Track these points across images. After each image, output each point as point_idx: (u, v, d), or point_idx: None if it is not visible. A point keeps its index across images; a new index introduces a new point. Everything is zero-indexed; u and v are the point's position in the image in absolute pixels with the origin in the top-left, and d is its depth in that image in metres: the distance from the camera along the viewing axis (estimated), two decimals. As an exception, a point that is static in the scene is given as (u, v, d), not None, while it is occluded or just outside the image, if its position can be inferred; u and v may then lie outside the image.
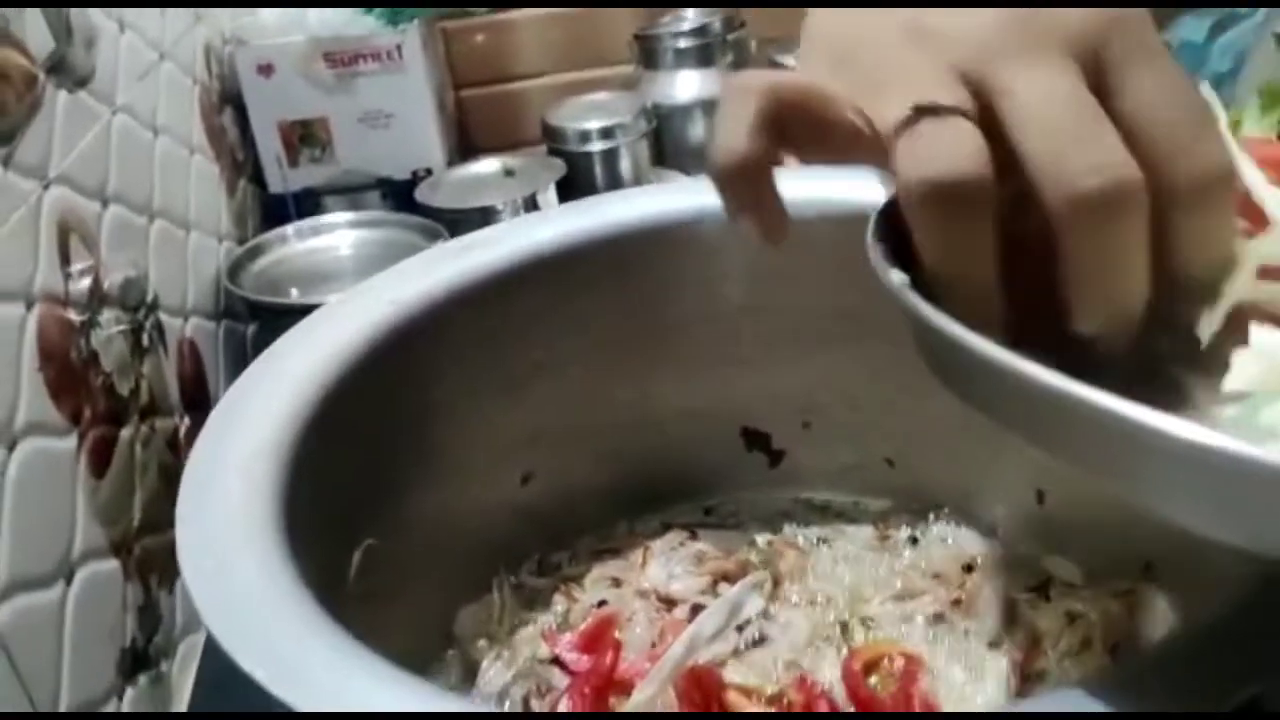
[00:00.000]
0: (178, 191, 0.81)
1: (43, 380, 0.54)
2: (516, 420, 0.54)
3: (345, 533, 0.45)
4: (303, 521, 0.39)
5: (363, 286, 0.51)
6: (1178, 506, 0.27)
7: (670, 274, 0.53)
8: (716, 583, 0.52)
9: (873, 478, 0.57)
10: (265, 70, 1.00)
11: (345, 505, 0.45)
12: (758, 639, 0.50)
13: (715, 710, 0.45)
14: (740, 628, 0.50)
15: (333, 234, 0.94)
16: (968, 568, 0.52)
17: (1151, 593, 0.47)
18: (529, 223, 0.55)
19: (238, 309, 0.87)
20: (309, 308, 0.75)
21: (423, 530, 0.50)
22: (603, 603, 0.53)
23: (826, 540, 0.57)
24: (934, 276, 0.31)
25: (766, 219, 0.35)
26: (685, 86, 1.07)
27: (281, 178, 1.04)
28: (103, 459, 0.59)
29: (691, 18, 1.10)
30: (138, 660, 0.59)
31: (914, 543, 0.55)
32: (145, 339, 0.69)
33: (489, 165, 1.02)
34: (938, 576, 0.52)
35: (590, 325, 0.54)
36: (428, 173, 1.04)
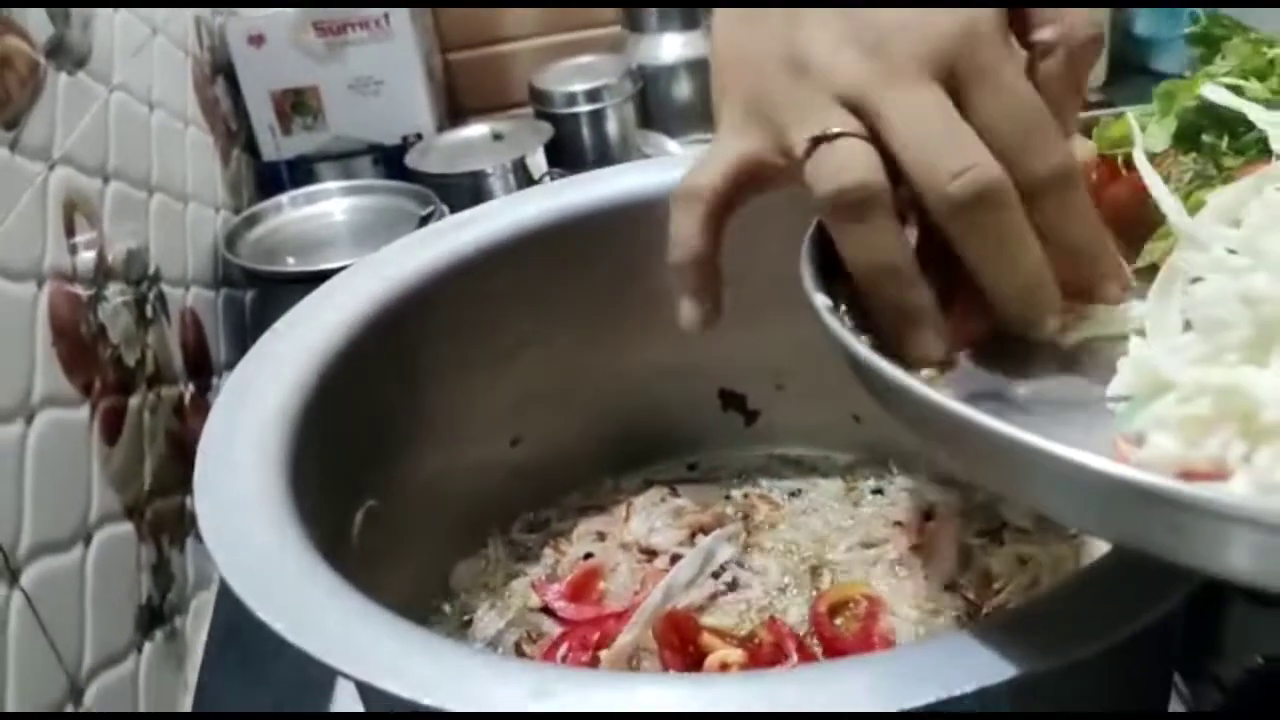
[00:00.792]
0: (175, 164, 0.83)
1: (56, 355, 0.57)
2: (506, 387, 0.57)
3: (348, 496, 0.49)
4: (309, 487, 0.42)
5: (360, 263, 0.54)
6: (1058, 510, 0.30)
7: (651, 247, 0.54)
8: (694, 535, 0.56)
9: (841, 434, 0.61)
10: (256, 41, 1.02)
11: (348, 470, 0.49)
12: (732, 584, 0.54)
13: (691, 650, 0.49)
14: (716, 574, 0.54)
15: (326, 201, 0.97)
16: (927, 515, 0.56)
17: (1096, 536, 0.50)
18: (517, 200, 0.58)
19: (236, 277, 0.90)
20: (305, 275, 0.78)
21: (420, 492, 0.53)
22: (589, 555, 0.56)
23: (798, 493, 0.60)
24: (860, 276, 0.35)
25: (708, 305, 0.41)
26: (670, 48, 1.08)
27: (275, 146, 1.06)
28: (114, 427, 0.62)
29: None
30: (154, 616, 0.63)
31: (879, 493, 0.59)
32: (149, 310, 0.71)
33: (477, 129, 1.04)
34: (899, 524, 0.56)
35: (575, 296, 0.57)
36: (418, 138, 1.06)
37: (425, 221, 0.89)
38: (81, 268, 0.62)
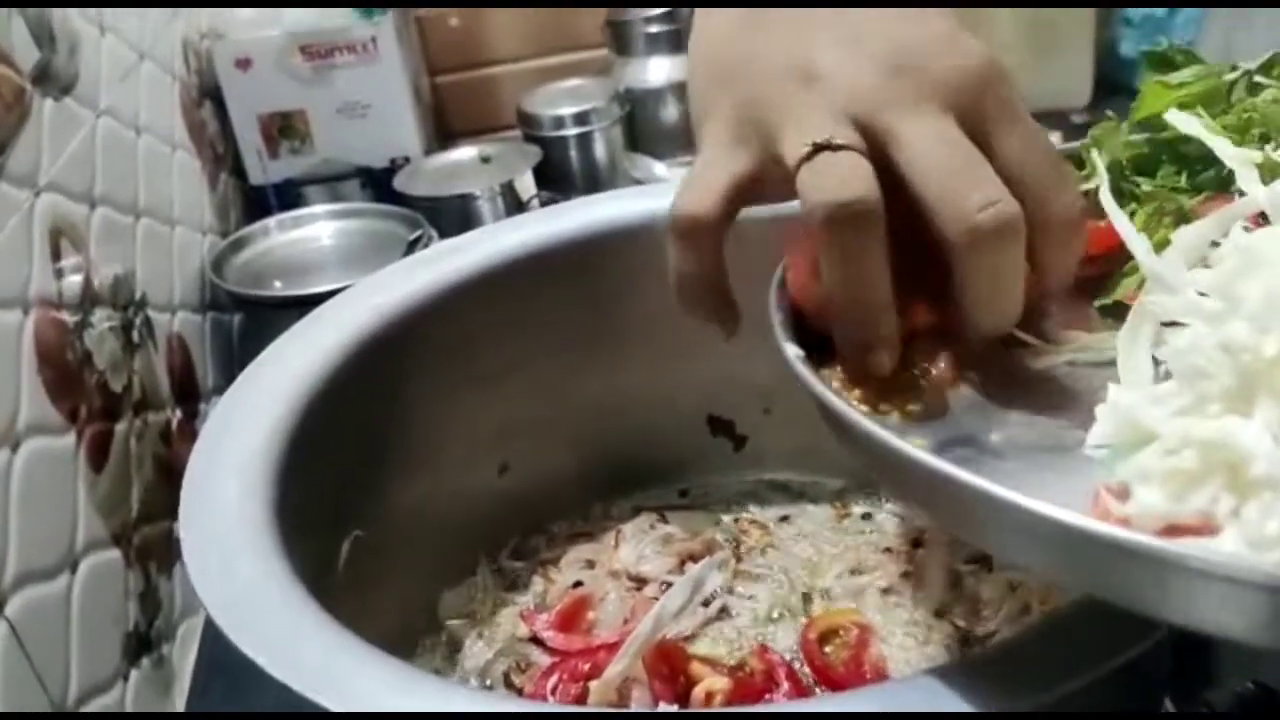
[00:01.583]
0: (161, 189, 0.83)
1: (41, 382, 0.57)
2: (492, 414, 0.57)
3: (334, 525, 0.48)
4: (295, 517, 0.42)
5: (347, 291, 0.54)
6: (1041, 567, 0.30)
7: (635, 273, 0.55)
8: (684, 562, 0.56)
9: (829, 458, 0.60)
10: (243, 64, 1.02)
11: (333, 500, 0.48)
12: (722, 612, 0.54)
13: (681, 680, 0.48)
14: (706, 603, 0.54)
15: (314, 225, 0.97)
16: (916, 542, 0.56)
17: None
18: (502, 229, 0.58)
19: (223, 302, 0.89)
20: (293, 299, 0.78)
21: (406, 520, 0.53)
22: (578, 583, 0.56)
23: (787, 518, 0.60)
24: (837, 293, 0.35)
25: (730, 321, 0.40)
26: (657, 71, 1.09)
27: (262, 169, 1.06)
28: (100, 454, 0.62)
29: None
30: (141, 644, 0.62)
31: (868, 519, 0.59)
32: (135, 335, 0.71)
33: (466, 152, 1.04)
34: (889, 551, 0.56)
35: (560, 323, 0.57)
36: (405, 161, 1.06)
37: (413, 245, 0.89)
38: (67, 293, 0.62)
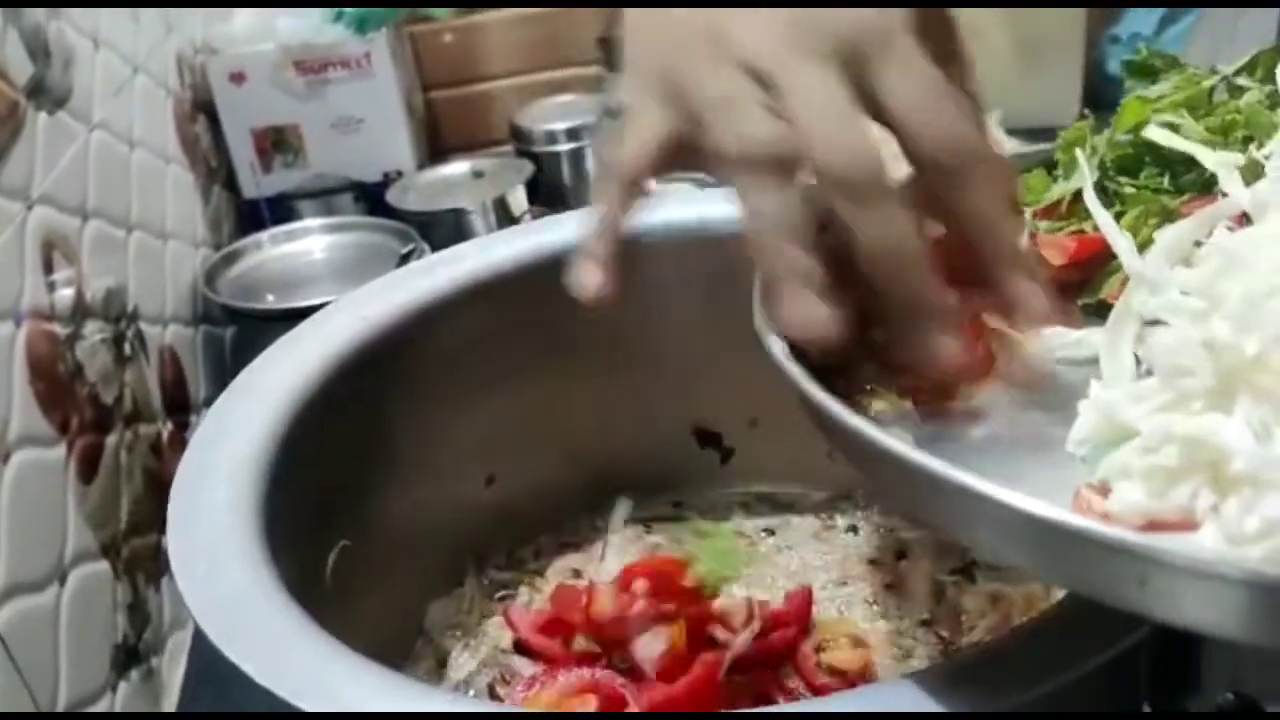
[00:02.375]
0: (154, 202, 0.84)
1: (33, 394, 0.57)
2: (480, 425, 0.57)
3: (321, 535, 0.49)
4: (283, 526, 0.42)
5: (337, 303, 0.54)
6: (1021, 562, 0.30)
7: (626, 287, 0.56)
8: (670, 573, 0.56)
9: (815, 470, 0.61)
10: (237, 79, 1.02)
11: (321, 509, 0.49)
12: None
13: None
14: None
15: (307, 239, 0.97)
16: (900, 554, 0.56)
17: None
18: (492, 242, 0.58)
19: (215, 315, 0.90)
20: (285, 312, 0.78)
21: (394, 531, 0.53)
22: (564, 592, 0.56)
23: (773, 530, 0.61)
24: (754, 239, 0.36)
25: (611, 277, 0.43)
26: (648, 87, 1.10)
27: (255, 183, 1.07)
28: (90, 466, 0.62)
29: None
30: (130, 656, 0.62)
31: (853, 531, 0.60)
32: (127, 348, 0.72)
33: (458, 167, 1.05)
34: (873, 562, 0.56)
35: (547, 336, 0.57)
36: (399, 175, 1.07)
37: (405, 259, 0.89)
38: (59, 306, 0.63)
